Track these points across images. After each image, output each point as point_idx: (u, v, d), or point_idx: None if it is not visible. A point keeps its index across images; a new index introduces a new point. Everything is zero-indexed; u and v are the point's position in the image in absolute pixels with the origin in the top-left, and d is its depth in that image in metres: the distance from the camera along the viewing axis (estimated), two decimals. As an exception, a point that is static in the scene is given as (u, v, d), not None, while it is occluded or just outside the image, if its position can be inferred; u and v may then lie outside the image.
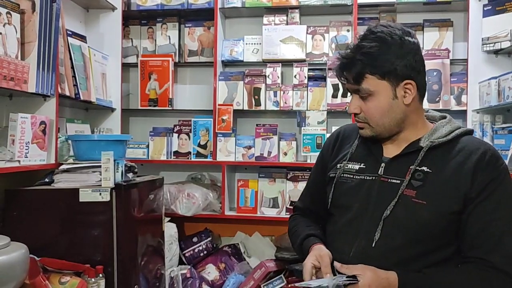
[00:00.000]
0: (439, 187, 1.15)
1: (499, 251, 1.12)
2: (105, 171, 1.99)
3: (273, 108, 2.91)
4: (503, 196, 1.14)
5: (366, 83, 1.17)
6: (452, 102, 2.75)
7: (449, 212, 1.14)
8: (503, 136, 2.40)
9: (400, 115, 1.20)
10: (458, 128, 1.24)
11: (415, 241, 1.15)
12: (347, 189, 1.27)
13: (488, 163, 1.15)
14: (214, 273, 2.87)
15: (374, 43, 1.15)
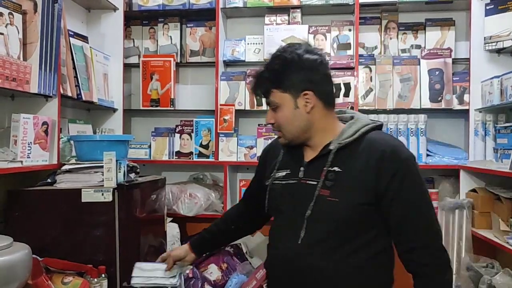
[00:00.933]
0: (349, 185, 1.28)
1: (418, 246, 1.25)
2: (107, 172, 1.99)
3: (275, 108, 2.90)
4: (410, 187, 1.26)
5: (272, 97, 1.33)
6: (454, 101, 2.75)
7: (359, 203, 1.27)
8: (506, 135, 2.40)
9: (304, 123, 1.33)
10: (364, 126, 1.33)
11: (336, 233, 1.29)
12: (276, 195, 1.41)
13: (388, 159, 1.26)
14: (217, 273, 2.87)
15: (276, 62, 1.33)
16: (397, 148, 1.29)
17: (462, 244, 2.44)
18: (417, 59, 2.80)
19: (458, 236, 2.47)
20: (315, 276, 1.28)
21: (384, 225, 1.30)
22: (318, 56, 1.33)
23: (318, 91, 1.31)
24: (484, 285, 1.99)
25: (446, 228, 2.55)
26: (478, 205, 2.44)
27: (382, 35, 2.94)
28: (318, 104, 1.32)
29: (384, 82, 2.81)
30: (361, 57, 2.86)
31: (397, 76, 2.80)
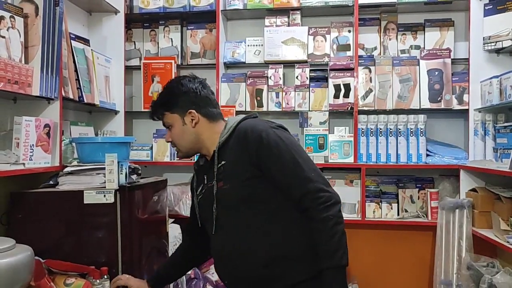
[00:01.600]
0: (232, 170, 1.48)
1: (299, 196, 1.40)
2: (109, 173, 2.00)
3: (275, 109, 2.93)
4: (273, 149, 1.41)
5: (165, 118, 1.62)
6: (454, 101, 2.76)
7: (243, 180, 1.45)
8: (505, 135, 2.41)
9: (193, 136, 1.58)
10: (236, 121, 1.53)
11: (242, 213, 1.47)
12: (199, 207, 1.63)
13: (250, 135, 1.44)
14: (218, 274, 2.88)
15: (165, 91, 1.66)
16: (256, 125, 1.47)
17: (462, 244, 2.45)
18: (417, 59, 2.81)
19: (459, 236, 2.48)
20: (236, 257, 1.47)
21: (283, 196, 1.43)
22: (199, 84, 1.60)
23: (200, 109, 1.57)
24: (485, 285, 1.99)
25: (446, 228, 2.56)
26: (478, 204, 2.45)
27: (381, 36, 2.95)
28: (202, 119, 1.58)
29: (384, 82, 2.83)
30: (361, 58, 2.87)
31: (397, 77, 2.81)
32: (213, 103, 1.61)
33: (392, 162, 2.76)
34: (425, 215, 2.79)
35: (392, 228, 2.84)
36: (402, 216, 2.81)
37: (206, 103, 1.59)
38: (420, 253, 2.83)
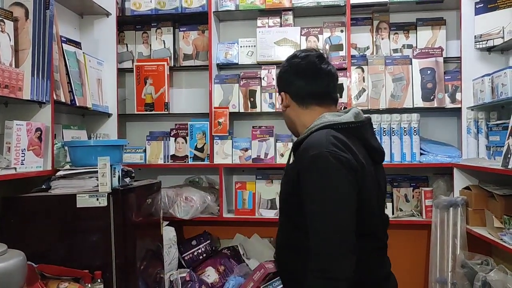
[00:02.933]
0: (286, 174, 1.41)
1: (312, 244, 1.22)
2: (102, 176, 2.00)
3: (269, 110, 2.92)
4: (309, 184, 1.24)
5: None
6: (446, 100, 2.76)
7: (285, 193, 1.41)
8: (498, 133, 2.41)
9: (285, 119, 1.49)
10: (316, 125, 1.34)
11: (281, 214, 1.46)
12: None
13: (301, 156, 1.29)
14: (214, 276, 2.88)
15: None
16: (310, 145, 1.27)
17: (457, 242, 2.46)
18: (409, 58, 2.82)
19: (453, 234, 2.49)
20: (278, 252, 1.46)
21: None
22: (301, 59, 1.41)
23: (290, 91, 1.42)
24: (479, 282, 2.00)
25: (441, 226, 2.57)
26: (472, 202, 2.46)
27: (373, 35, 2.95)
28: (292, 103, 1.42)
29: (377, 82, 2.83)
30: (354, 57, 2.87)
31: (390, 76, 2.82)
32: (309, 82, 1.39)
33: (386, 162, 2.74)
34: (419, 214, 2.79)
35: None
36: (397, 215, 2.81)
37: (300, 82, 1.40)
38: (415, 251, 2.84)
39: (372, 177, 1.29)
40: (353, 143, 1.28)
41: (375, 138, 1.40)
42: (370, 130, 1.39)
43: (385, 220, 1.40)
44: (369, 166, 1.29)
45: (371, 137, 1.38)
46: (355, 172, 1.21)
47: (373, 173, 1.30)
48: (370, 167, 1.30)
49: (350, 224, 1.18)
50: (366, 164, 1.27)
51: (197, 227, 3.03)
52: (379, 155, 1.37)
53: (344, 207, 1.19)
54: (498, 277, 1.87)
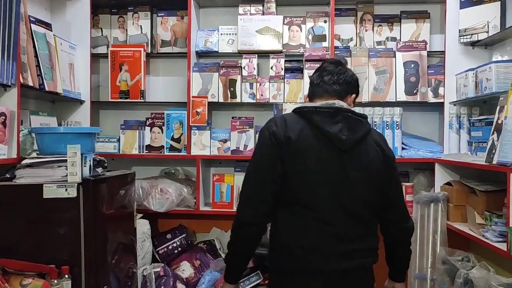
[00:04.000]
0: None
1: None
2: (72, 166, 1.88)
3: (249, 100, 2.84)
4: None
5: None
6: (429, 94, 2.73)
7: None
8: (480, 128, 2.39)
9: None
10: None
11: None
12: None
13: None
14: (189, 271, 2.79)
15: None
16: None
17: (437, 238, 2.43)
18: (393, 51, 2.77)
19: (433, 230, 2.46)
20: None
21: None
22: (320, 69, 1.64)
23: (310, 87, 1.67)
24: (460, 279, 1.97)
25: (421, 221, 2.54)
26: (453, 198, 2.43)
27: (357, 27, 2.90)
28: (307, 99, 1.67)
29: (360, 74, 2.74)
30: (337, 49, 2.81)
31: (373, 69, 2.77)
32: (316, 82, 1.60)
33: (367, 156, 2.71)
34: (399, 209, 2.75)
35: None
36: (377, 210, 2.77)
37: (312, 83, 1.63)
38: (394, 247, 2.81)
39: (319, 157, 1.46)
40: (298, 123, 1.48)
41: (336, 126, 1.47)
42: (333, 118, 1.47)
43: (349, 208, 1.48)
44: (316, 146, 1.46)
45: (328, 123, 1.46)
46: (279, 144, 1.45)
47: (323, 155, 1.46)
48: (322, 148, 1.46)
49: (263, 183, 1.46)
50: (305, 142, 1.45)
51: (173, 220, 2.93)
52: (337, 141, 1.46)
53: (259, 168, 1.47)
54: (481, 274, 1.84)
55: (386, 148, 1.59)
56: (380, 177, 1.54)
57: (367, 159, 1.51)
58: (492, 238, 1.96)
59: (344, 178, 1.47)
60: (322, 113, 1.48)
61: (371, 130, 1.57)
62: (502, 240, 1.93)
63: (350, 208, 1.48)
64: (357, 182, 1.49)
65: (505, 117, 1.88)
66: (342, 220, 1.47)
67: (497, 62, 2.18)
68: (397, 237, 1.67)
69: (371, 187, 1.53)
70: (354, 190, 1.49)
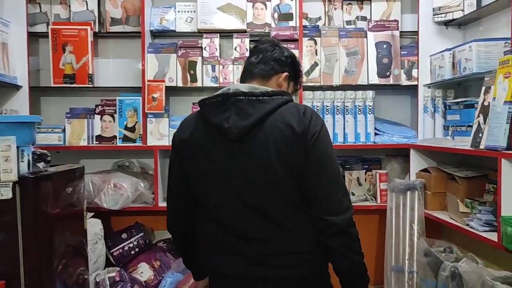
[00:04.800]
0: None
1: None
2: (5, 161, 1.58)
3: (212, 84, 2.59)
4: None
5: None
6: (402, 76, 2.59)
7: None
8: (458, 111, 2.27)
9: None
10: None
11: None
12: None
13: None
14: (148, 273, 2.54)
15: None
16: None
17: (414, 227, 2.30)
18: (364, 31, 2.61)
19: (410, 219, 2.33)
20: None
21: None
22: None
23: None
24: (446, 272, 1.84)
25: (396, 211, 2.41)
26: (430, 185, 2.31)
27: (326, 5, 2.71)
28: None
29: (330, 56, 2.59)
30: (305, 28, 2.61)
31: (344, 50, 2.59)
32: (244, 65, 1.44)
33: (339, 142, 2.55)
34: (373, 198, 2.62)
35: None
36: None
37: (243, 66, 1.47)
38: (369, 238, 2.65)
39: (208, 154, 1.30)
40: (192, 121, 1.37)
41: (224, 114, 1.27)
42: (222, 107, 1.28)
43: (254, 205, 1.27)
44: (206, 142, 1.31)
45: (216, 113, 1.29)
46: (177, 150, 1.38)
47: (212, 150, 1.30)
48: (211, 143, 1.30)
49: (172, 187, 1.44)
50: (196, 141, 1.32)
51: (128, 218, 2.66)
52: (222, 132, 1.27)
53: (170, 173, 1.44)
54: (470, 267, 1.71)
55: (297, 123, 1.25)
56: (291, 163, 1.24)
57: (267, 146, 1.24)
58: (478, 227, 1.84)
59: (240, 172, 1.27)
60: (210, 104, 1.32)
61: (280, 109, 1.27)
62: (489, 230, 1.81)
63: (255, 204, 1.27)
64: (257, 174, 1.25)
65: (493, 98, 1.75)
66: (245, 219, 1.28)
67: (478, 41, 2.06)
68: (324, 241, 1.26)
69: (279, 177, 1.24)
70: (255, 183, 1.26)
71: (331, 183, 1.25)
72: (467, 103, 2.18)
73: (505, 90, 1.68)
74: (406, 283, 2.29)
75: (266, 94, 1.27)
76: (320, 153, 1.25)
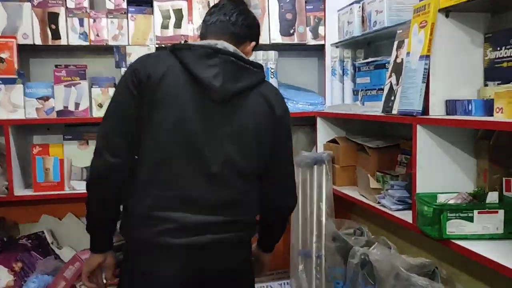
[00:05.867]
0: None
1: None
2: None
3: (80, 42, 2.10)
4: None
5: None
6: (308, 35, 2.27)
7: None
8: (368, 73, 2.00)
9: None
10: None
11: None
12: None
13: None
14: (6, 278, 2.06)
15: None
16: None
17: (322, 206, 2.03)
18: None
19: (318, 197, 2.06)
20: None
21: None
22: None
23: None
24: (355, 259, 1.58)
25: (303, 188, 2.13)
26: (339, 158, 2.05)
27: (220, -51, 2.29)
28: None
29: (226, 9, 2.19)
30: (195, -25, 2.18)
31: (241, 2, 2.21)
32: (211, 21, 1.34)
33: (238, 112, 2.19)
34: (278, 174, 2.31)
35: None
36: (251, 178, 2.29)
37: (205, 22, 1.37)
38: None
39: (182, 107, 1.22)
40: (165, 61, 1.25)
41: (211, 69, 1.22)
42: (209, 59, 1.23)
43: (213, 170, 1.24)
44: (181, 92, 1.23)
45: (202, 66, 1.22)
46: (140, 83, 1.23)
47: (188, 104, 1.23)
48: (188, 95, 1.23)
49: (116, 127, 1.24)
50: (168, 86, 1.22)
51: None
52: (208, 89, 1.22)
53: (113, 110, 1.26)
54: (382, 254, 1.45)
55: (278, 106, 1.32)
56: (263, 140, 1.29)
57: (247, 116, 1.26)
58: (390, 205, 1.59)
59: (211, 134, 1.23)
60: (197, 51, 1.23)
61: (264, 83, 1.32)
62: (402, 208, 1.57)
63: (214, 170, 1.23)
64: (227, 141, 1.25)
65: (408, 53, 1.48)
66: (199, 184, 1.23)
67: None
68: (269, 218, 1.46)
69: (248, 149, 1.27)
70: (223, 149, 1.24)
71: (287, 169, 1.40)
72: (378, 63, 1.90)
73: (421, 43, 1.40)
74: (313, 269, 2.03)
75: (251, 63, 1.28)
76: (286, 140, 1.37)
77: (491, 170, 1.39)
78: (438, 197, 1.34)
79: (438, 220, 1.25)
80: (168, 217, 1.21)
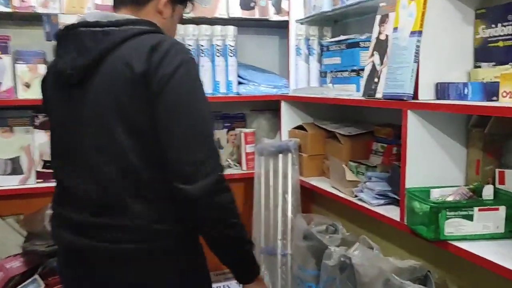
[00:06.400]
0: None
1: None
2: None
3: (2, 9, 1.74)
4: None
5: None
6: (270, 10, 2.04)
7: None
8: (338, 53, 1.82)
9: None
10: None
11: None
12: None
13: None
14: None
15: None
16: None
17: (288, 199, 1.84)
18: None
19: (283, 189, 1.87)
20: None
21: None
22: None
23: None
24: (331, 261, 1.40)
25: (266, 179, 1.93)
26: (306, 146, 1.86)
27: None
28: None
29: (178, -24, 1.92)
30: None
31: (196, -31, 1.94)
32: None
33: (193, 94, 1.94)
34: (238, 164, 2.10)
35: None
36: (208, 167, 2.06)
37: None
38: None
39: (51, 99, 1.11)
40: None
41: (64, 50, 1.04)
42: (65, 41, 1.05)
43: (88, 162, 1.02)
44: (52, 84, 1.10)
45: (60, 50, 1.07)
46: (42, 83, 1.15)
47: (53, 94, 1.10)
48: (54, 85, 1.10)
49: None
50: (47, 81, 1.12)
51: None
52: (58, 71, 1.05)
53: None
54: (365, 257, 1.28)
55: (140, 62, 0.95)
56: (131, 118, 0.98)
57: (101, 93, 0.99)
58: (370, 200, 1.42)
59: (76, 122, 1.03)
60: (57, 37, 1.08)
61: (127, 42, 0.98)
62: (384, 203, 1.41)
63: (90, 162, 1.02)
64: (92, 126, 1.01)
65: (394, 28, 1.30)
66: (75, 178, 1.05)
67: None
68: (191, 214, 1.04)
69: (113, 135, 0.99)
70: (89, 137, 1.02)
71: (187, 139, 0.97)
72: (351, 41, 1.72)
73: (412, 16, 1.23)
74: (279, 269, 1.85)
75: (116, 23, 1.00)
76: (172, 102, 0.97)
77: (484, 161, 1.26)
78: (431, 192, 1.19)
79: (435, 219, 1.10)
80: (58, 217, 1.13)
